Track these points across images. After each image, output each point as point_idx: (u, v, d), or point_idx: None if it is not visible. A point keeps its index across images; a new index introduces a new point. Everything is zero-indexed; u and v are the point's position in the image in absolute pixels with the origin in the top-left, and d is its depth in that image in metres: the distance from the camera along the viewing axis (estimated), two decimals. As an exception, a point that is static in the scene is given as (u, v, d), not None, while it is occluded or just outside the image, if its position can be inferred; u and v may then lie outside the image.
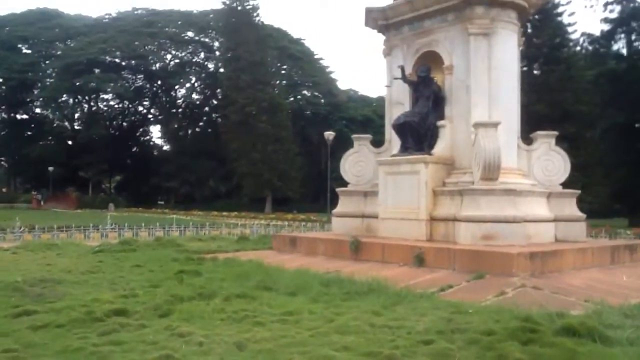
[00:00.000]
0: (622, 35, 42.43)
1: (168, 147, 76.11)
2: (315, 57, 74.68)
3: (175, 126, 72.99)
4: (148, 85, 74.18)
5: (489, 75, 11.17)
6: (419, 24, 12.20)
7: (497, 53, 11.23)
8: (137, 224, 22.17)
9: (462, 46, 11.42)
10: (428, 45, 12.08)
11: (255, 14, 59.73)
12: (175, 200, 66.87)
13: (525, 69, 31.63)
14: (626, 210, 40.83)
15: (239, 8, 58.56)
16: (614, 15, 42.12)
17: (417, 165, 11.14)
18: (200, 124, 74.24)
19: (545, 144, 11.93)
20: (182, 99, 75.19)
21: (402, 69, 12.04)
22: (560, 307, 6.15)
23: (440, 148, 11.48)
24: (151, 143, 79.67)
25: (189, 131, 73.88)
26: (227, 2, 58.98)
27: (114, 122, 75.85)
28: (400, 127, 11.86)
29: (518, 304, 6.41)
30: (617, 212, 42.22)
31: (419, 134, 11.70)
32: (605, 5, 42.33)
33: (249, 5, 59.24)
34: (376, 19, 12.86)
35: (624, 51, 42.91)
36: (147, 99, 75.72)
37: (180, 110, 74.50)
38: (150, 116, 77.44)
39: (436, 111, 11.80)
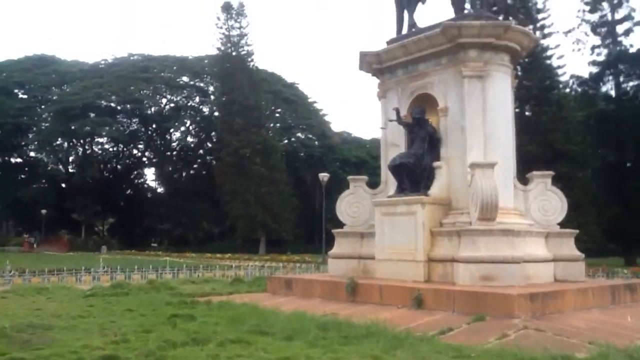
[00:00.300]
0: (610, 77, 43.24)
1: (162, 189, 76.04)
2: (309, 100, 75.62)
3: (170, 169, 73.12)
4: (143, 129, 74.61)
5: (484, 117, 11.26)
6: (413, 67, 12.35)
7: (491, 95, 11.35)
8: (129, 266, 21.86)
9: (456, 88, 11.54)
10: (422, 88, 12.20)
11: (249, 59, 60.69)
12: (168, 242, 66.38)
13: (517, 110, 31.97)
14: (621, 250, 40.81)
15: (234, 54, 59.52)
16: (602, 58, 43.07)
17: (413, 206, 11.09)
18: (195, 166, 74.37)
19: (542, 183, 11.93)
20: (177, 142, 75.56)
21: (397, 111, 12.13)
22: (564, 350, 6.00)
23: (436, 189, 11.45)
24: (145, 185, 79.60)
25: (183, 173, 73.98)
26: (222, 48, 59.97)
27: (108, 165, 75.91)
28: (396, 169, 11.86)
29: (521, 346, 6.26)
30: (612, 251, 42.16)
31: (415, 175, 11.70)
32: (593, 48, 43.32)
33: (243, 51, 60.24)
34: (370, 63, 13.02)
35: (613, 92, 43.65)
36: (141, 142, 76.03)
37: (174, 153, 74.77)
38: (144, 159, 77.62)
39: (432, 152, 11.83)
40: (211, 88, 70.41)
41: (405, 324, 8.07)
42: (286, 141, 70.77)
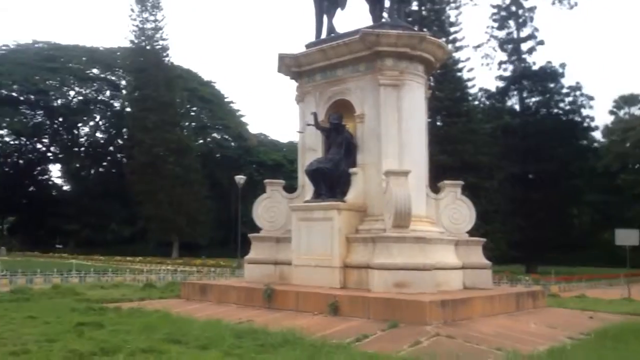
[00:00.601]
0: (515, 92, 45.83)
1: (68, 187, 72.29)
2: (226, 100, 74.66)
3: (77, 165, 69.67)
4: (48, 122, 70.52)
5: (399, 125, 11.50)
6: (331, 73, 12.44)
7: (406, 104, 11.62)
8: (31, 269, 20.69)
9: (373, 96, 11.72)
10: (340, 94, 12.31)
11: (165, 54, 59.11)
12: (75, 244, 63.00)
13: (428, 120, 33.14)
14: (523, 257, 43.15)
15: (148, 48, 57.71)
16: (508, 73, 45.55)
17: (330, 212, 11.15)
18: (104, 164, 71.33)
19: (452, 193, 12.36)
20: (85, 137, 72.15)
21: (315, 116, 12.16)
22: (474, 357, 6.21)
23: (353, 195, 11.58)
24: (50, 182, 75.21)
25: (92, 171, 70.76)
26: (136, 41, 57.98)
27: (9, 160, 71.09)
28: (314, 174, 11.88)
29: (433, 354, 6.42)
30: (515, 258, 44.54)
31: (332, 181, 11.76)
32: (500, 63, 45.74)
33: (158, 45, 58.56)
34: (289, 66, 12.99)
35: (517, 107, 46.27)
36: (46, 136, 71.83)
37: (82, 149, 71.32)
38: (49, 154, 73.38)
39: (349, 158, 11.94)
40: (123, 82, 67.78)
41: (322, 331, 8.08)
42: (201, 141, 69.49)
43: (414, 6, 38.53)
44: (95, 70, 68.17)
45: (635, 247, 24.12)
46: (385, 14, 13.21)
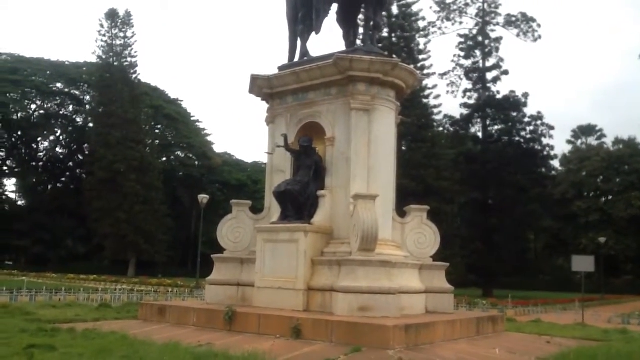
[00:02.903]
0: (479, 120, 46.81)
1: (23, 202, 70.05)
2: (192, 118, 74.16)
3: (34, 180, 67.72)
4: (6, 135, 68.47)
5: (369, 149, 11.54)
6: (303, 95, 12.44)
7: (376, 128, 11.68)
8: (-22, 287, 19.75)
9: (344, 119, 11.75)
10: (311, 116, 12.30)
11: (132, 71, 58.51)
12: (26, 261, 60.90)
13: (394, 144, 33.58)
14: (480, 281, 43.70)
15: (116, 64, 57.05)
16: (472, 101, 46.56)
17: (296, 234, 11.05)
18: (63, 179, 69.55)
19: (418, 217, 12.42)
20: (44, 152, 70.32)
21: (285, 137, 12.12)
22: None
23: (320, 218, 11.50)
24: (3, 197, 72.77)
25: (49, 186, 68.86)
26: (104, 57, 57.26)
27: (-40, 172, 68.73)
28: (281, 195, 11.79)
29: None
30: (472, 282, 45.08)
31: (299, 203, 11.68)
32: (465, 91, 46.76)
33: (126, 62, 57.98)
34: (261, 87, 12.95)
35: (480, 134, 47.24)
36: (3, 149, 69.72)
37: (41, 163, 69.46)
38: (5, 168, 71.13)
39: (317, 181, 11.91)
40: (87, 97, 66.63)
41: (284, 355, 7.92)
42: (165, 159, 68.61)
43: (385, 33, 39.27)
44: (59, 85, 66.81)
45: (589, 273, 24.70)
46: (358, 40, 13.35)
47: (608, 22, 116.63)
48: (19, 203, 70.88)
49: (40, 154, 70.10)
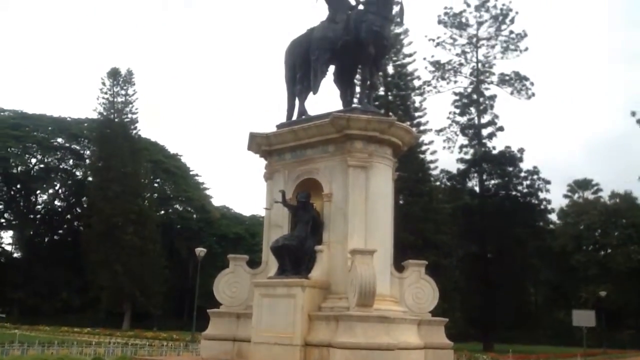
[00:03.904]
0: (475, 175, 47.35)
1: (19, 254, 69.62)
2: (191, 172, 74.73)
3: (31, 233, 67.56)
4: (5, 188, 68.84)
5: (366, 205, 11.75)
6: (301, 152, 12.74)
7: (373, 185, 11.92)
8: (-31, 341, 19.50)
9: (341, 176, 12.00)
10: (309, 173, 12.56)
11: (132, 127, 59.40)
12: (19, 313, 59.97)
13: (392, 198, 33.87)
14: (480, 335, 43.15)
15: (116, 120, 57.99)
16: (468, 156, 47.26)
17: (293, 289, 11.10)
18: (60, 231, 69.43)
19: (416, 272, 12.50)
20: (43, 204, 70.48)
21: (283, 193, 12.34)
22: None
23: (317, 273, 11.59)
24: (-1, 249, 72.40)
25: (46, 239, 68.68)
26: (105, 114, 58.27)
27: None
28: (279, 250, 11.92)
29: None
30: (473, 336, 44.51)
31: (297, 258, 11.80)
32: (461, 147, 47.51)
33: (127, 118, 58.97)
34: (260, 144, 13.27)
35: (477, 189, 47.66)
36: (1, 202, 69.91)
37: (39, 216, 69.49)
38: (3, 220, 71.10)
39: (314, 236, 12.05)
40: (87, 152, 67.34)
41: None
42: (163, 212, 68.75)
43: (381, 91, 40.25)
44: (60, 140, 67.67)
45: (591, 327, 24.52)
46: (355, 99, 13.78)
47: (601, 76, 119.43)
48: (15, 255, 70.49)
49: (39, 206, 70.27)
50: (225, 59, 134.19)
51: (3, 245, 72.57)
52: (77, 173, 69.84)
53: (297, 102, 13.74)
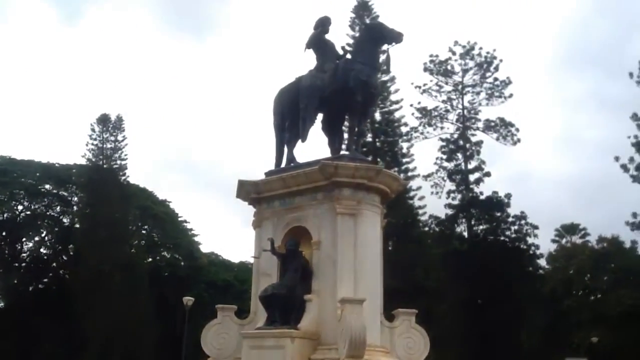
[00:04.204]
0: (464, 220, 47.46)
1: (2, 304, 68.08)
2: (180, 219, 74.17)
3: (15, 281, 66.28)
4: (-10, 236, 67.93)
5: (355, 253, 11.73)
6: (290, 200, 12.77)
7: (362, 232, 11.93)
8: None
9: (330, 223, 12.01)
10: (298, 220, 12.57)
11: (121, 173, 59.22)
12: (-4, 367, 58.22)
13: (381, 244, 33.81)
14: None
15: (105, 166, 57.88)
16: (456, 202, 47.46)
17: (282, 340, 10.95)
18: (45, 280, 68.21)
19: (407, 321, 12.39)
20: (28, 252, 69.42)
21: (272, 241, 12.29)
22: None
23: (306, 322, 11.44)
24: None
25: (30, 287, 67.34)
26: (93, 160, 58.19)
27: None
28: (267, 299, 11.79)
29: None
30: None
31: (286, 307, 11.67)
32: (449, 192, 47.76)
33: (116, 164, 58.84)
34: (249, 192, 13.29)
35: (465, 234, 47.71)
36: (-15, 250, 68.81)
37: (24, 264, 68.35)
38: (-15, 269, 69.87)
39: (304, 285, 11.97)
40: (75, 198, 66.82)
41: None
42: (150, 259, 67.97)
43: (369, 138, 40.66)
44: (47, 186, 67.04)
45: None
46: (344, 145, 13.93)
47: (584, 119, 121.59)
48: (-2, 304, 68.96)
49: (24, 254, 69.19)
50: (215, 104, 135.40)
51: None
52: (65, 220, 68.99)
53: (285, 149, 13.85)
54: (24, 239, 67.45)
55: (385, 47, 13.56)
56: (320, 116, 14.09)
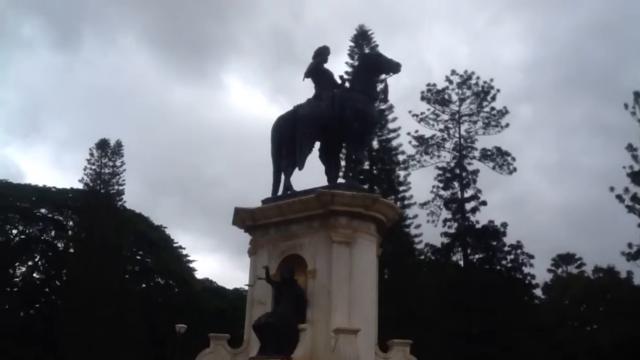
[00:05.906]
0: (459, 249, 47.29)
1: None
2: (175, 244, 73.79)
3: (6, 307, 65.41)
4: (-18, 260, 67.25)
5: (350, 282, 11.69)
6: (285, 228, 12.76)
7: (357, 261, 11.90)
8: None
9: (325, 252, 11.98)
10: (293, 248, 12.54)
11: (118, 199, 59.03)
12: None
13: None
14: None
15: (102, 191, 57.71)
16: (452, 230, 47.36)
17: (275, 370, 10.80)
18: (37, 305, 67.38)
19: (401, 352, 12.28)
20: (20, 277, 68.69)
21: (267, 269, 12.23)
22: None
23: (300, 352, 11.34)
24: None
25: (21, 313, 66.47)
26: (91, 184, 58.03)
27: None
28: (261, 328, 11.69)
29: None
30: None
31: (279, 336, 11.55)
32: (445, 221, 47.69)
33: (113, 190, 58.67)
34: (244, 219, 13.28)
35: (461, 263, 47.50)
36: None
37: (16, 289, 67.56)
38: (-24, 294, 69.00)
39: (298, 313, 11.88)
40: (70, 223, 66.41)
41: None
42: (144, 285, 67.35)
43: (366, 165, 40.77)
44: (43, 210, 66.72)
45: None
46: (341, 173, 13.97)
47: (579, 145, 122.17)
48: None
49: (16, 279, 68.46)
50: (212, 129, 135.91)
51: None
52: (59, 245, 68.44)
53: (282, 177, 13.88)
54: (16, 264, 66.83)
55: (383, 76, 13.71)
56: (317, 144, 14.16)
